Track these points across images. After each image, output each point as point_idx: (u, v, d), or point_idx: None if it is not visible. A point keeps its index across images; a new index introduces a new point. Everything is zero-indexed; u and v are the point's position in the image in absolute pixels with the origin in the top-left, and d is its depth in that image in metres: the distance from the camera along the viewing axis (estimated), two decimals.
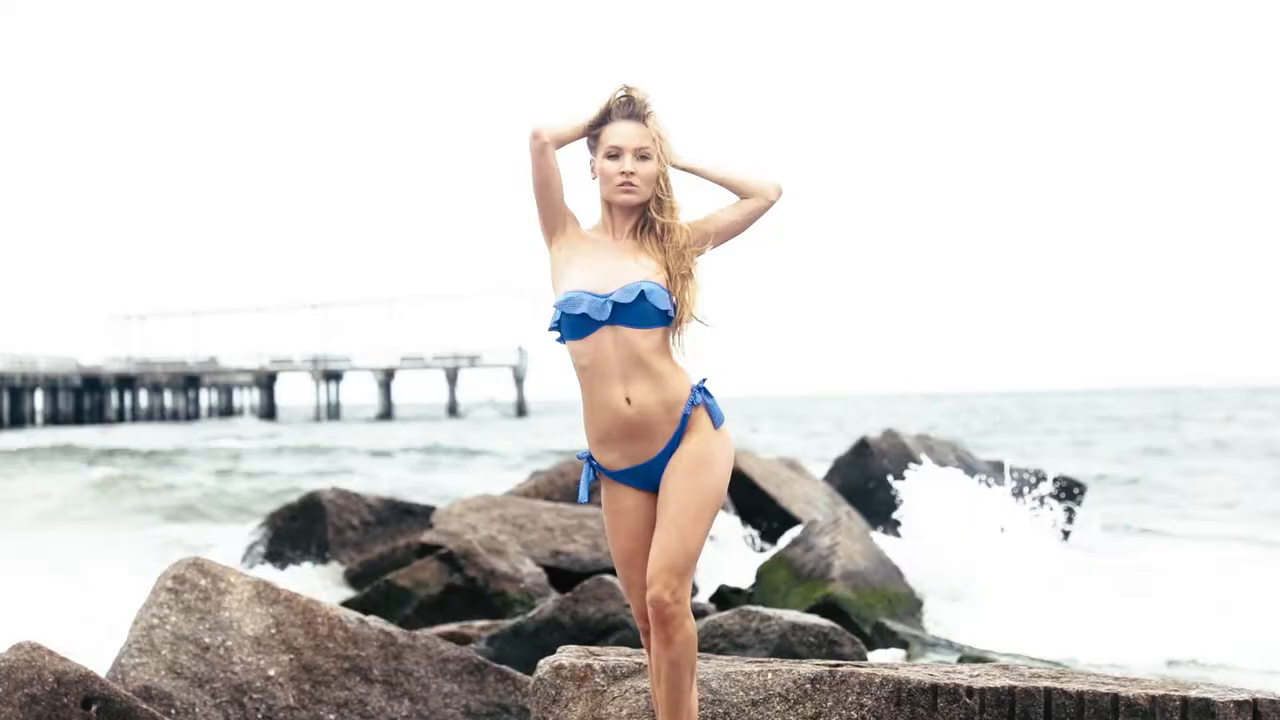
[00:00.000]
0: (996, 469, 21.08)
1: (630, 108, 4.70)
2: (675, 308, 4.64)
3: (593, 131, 4.74)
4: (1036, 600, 14.32)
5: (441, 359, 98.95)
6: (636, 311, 4.60)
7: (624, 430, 4.64)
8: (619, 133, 4.69)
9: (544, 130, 4.67)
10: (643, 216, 4.73)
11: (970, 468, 20.70)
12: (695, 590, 13.17)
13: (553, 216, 4.76)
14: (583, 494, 4.84)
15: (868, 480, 19.86)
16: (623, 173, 4.68)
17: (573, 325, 4.66)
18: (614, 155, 4.69)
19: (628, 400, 4.62)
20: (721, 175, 4.73)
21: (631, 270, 4.64)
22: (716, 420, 4.65)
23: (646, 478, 4.67)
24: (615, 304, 4.60)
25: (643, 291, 4.60)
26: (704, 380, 4.69)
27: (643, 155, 4.68)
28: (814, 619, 9.16)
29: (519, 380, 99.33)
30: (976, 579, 13.86)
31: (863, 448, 20.33)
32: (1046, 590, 15.10)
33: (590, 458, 4.76)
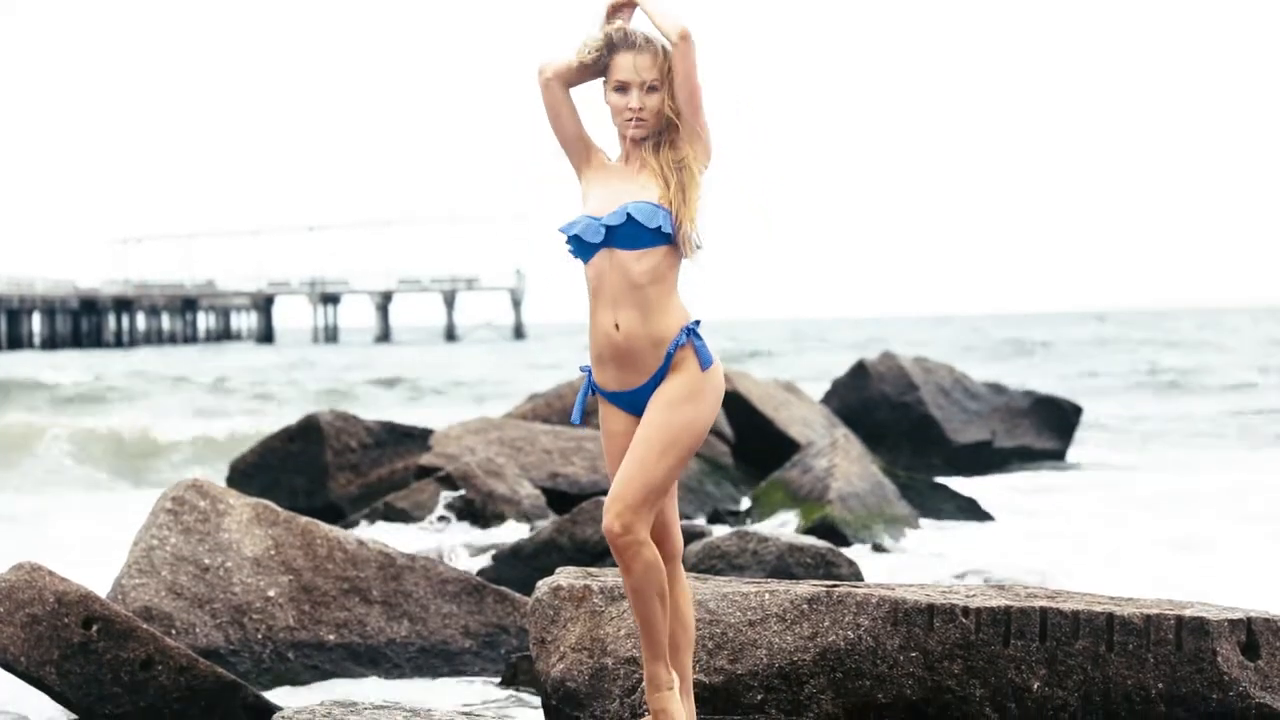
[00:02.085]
0: (996, 391, 21.11)
1: (631, 39, 4.63)
2: (675, 226, 4.59)
3: (599, 66, 4.67)
4: (1033, 523, 14.39)
5: (439, 282, 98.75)
6: (626, 233, 4.57)
7: (613, 355, 4.64)
8: (624, 66, 4.62)
9: (546, 66, 4.66)
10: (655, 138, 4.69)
11: (968, 390, 20.73)
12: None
13: (572, 151, 4.74)
14: (575, 414, 4.83)
15: (866, 403, 19.89)
16: (630, 108, 4.63)
17: (576, 249, 4.67)
18: (621, 89, 4.64)
19: (616, 326, 4.60)
20: (648, 10, 4.59)
21: (631, 192, 4.60)
22: (704, 363, 4.58)
23: (635, 404, 4.65)
24: (607, 226, 4.58)
25: (629, 212, 4.56)
26: (696, 322, 4.62)
27: (650, 88, 4.62)
28: (811, 540, 9.20)
29: (517, 303, 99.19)
30: None
31: (860, 370, 20.34)
32: (1044, 514, 15.17)
33: (590, 372, 4.76)
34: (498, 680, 7.97)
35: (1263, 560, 11.96)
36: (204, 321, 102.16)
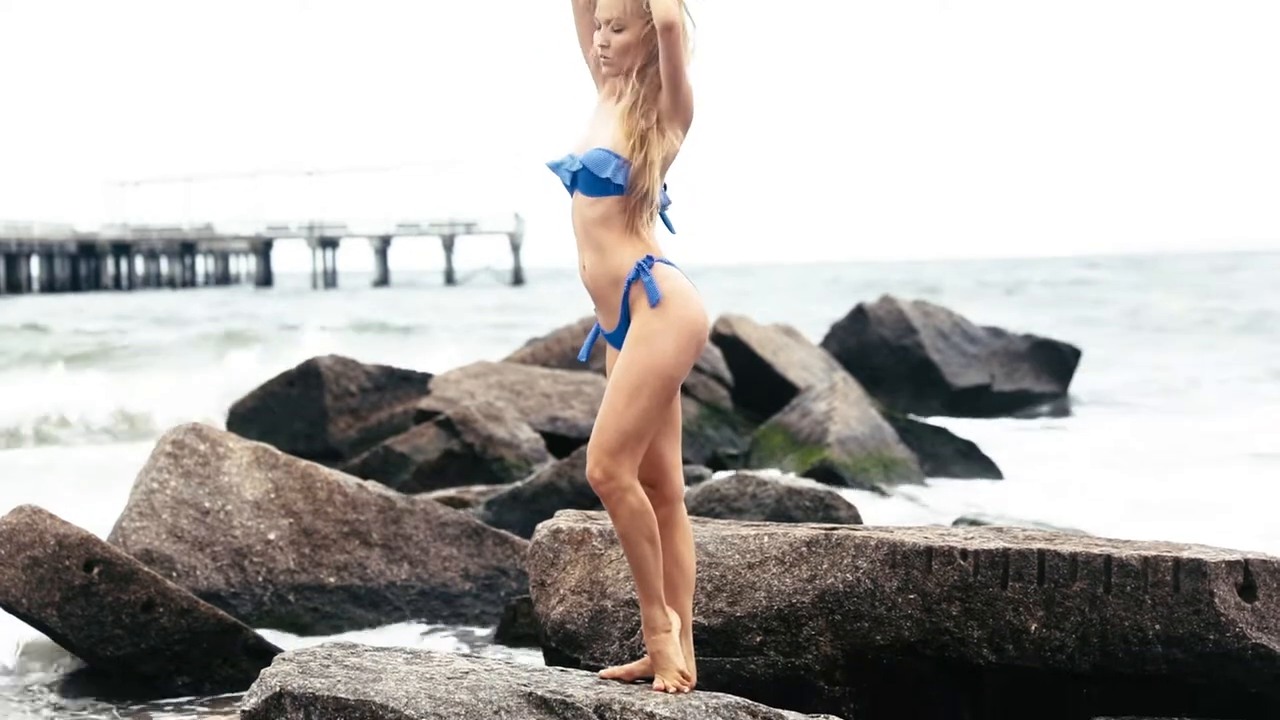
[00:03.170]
0: (994, 334, 21.11)
1: None
2: (628, 179, 4.48)
3: None
4: (1032, 468, 14.42)
5: (438, 226, 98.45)
6: (583, 178, 4.53)
7: (590, 295, 4.63)
8: (599, 3, 4.58)
9: None
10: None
11: (967, 334, 20.73)
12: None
13: (591, 72, 4.71)
14: (582, 353, 4.83)
15: (864, 346, 19.89)
16: (599, 45, 4.59)
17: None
18: (597, 25, 4.60)
19: (584, 267, 4.59)
20: None
21: (599, 135, 4.55)
22: (651, 299, 4.45)
23: (620, 343, 4.62)
24: (571, 173, 4.55)
25: (582, 161, 4.52)
26: (649, 258, 4.49)
27: (616, 28, 4.55)
28: (810, 483, 9.23)
29: (515, 247, 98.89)
30: None
31: (860, 314, 20.33)
32: (1043, 459, 15.20)
33: None
34: (497, 623, 8.00)
35: (1261, 503, 12.00)
36: (203, 265, 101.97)
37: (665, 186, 4.62)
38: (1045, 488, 13.10)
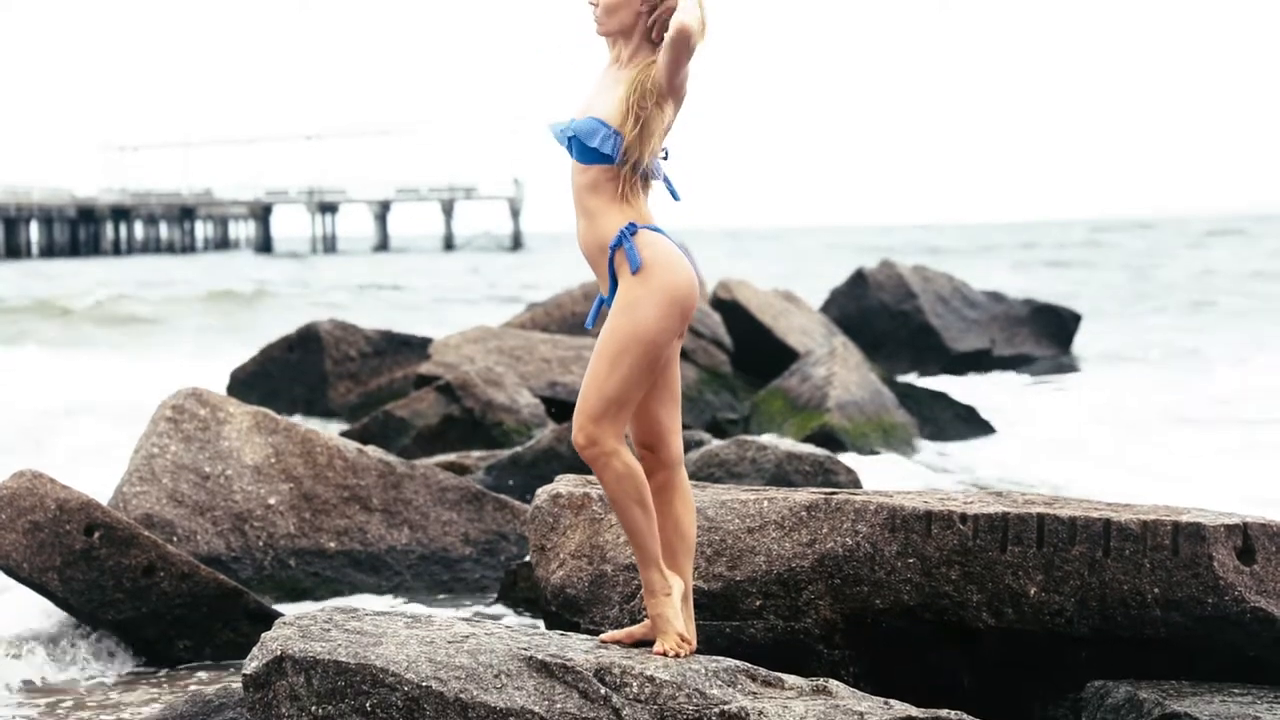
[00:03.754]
0: (995, 299, 21.09)
1: None
2: (618, 150, 4.46)
3: None
4: (1031, 433, 14.43)
5: (437, 191, 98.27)
6: (575, 146, 4.51)
7: (585, 259, 4.62)
8: None
9: None
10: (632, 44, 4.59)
11: (967, 299, 20.72)
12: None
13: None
14: (589, 320, 4.82)
15: (864, 311, 19.88)
16: (590, 3, 4.56)
17: None
18: None
19: (579, 231, 4.58)
20: None
21: (596, 102, 4.53)
22: (631, 266, 4.45)
23: None
24: (568, 137, 4.53)
25: (573, 130, 4.51)
26: (631, 224, 4.48)
27: None
28: (809, 448, 9.22)
29: (515, 213, 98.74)
30: None
31: (859, 279, 20.31)
32: (1041, 423, 15.21)
33: None
34: (497, 587, 8.02)
35: (1261, 465, 12.01)
36: (202, 230, 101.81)
37: (666, 154, 4.60)
38: (1045, 451, 13.11)
